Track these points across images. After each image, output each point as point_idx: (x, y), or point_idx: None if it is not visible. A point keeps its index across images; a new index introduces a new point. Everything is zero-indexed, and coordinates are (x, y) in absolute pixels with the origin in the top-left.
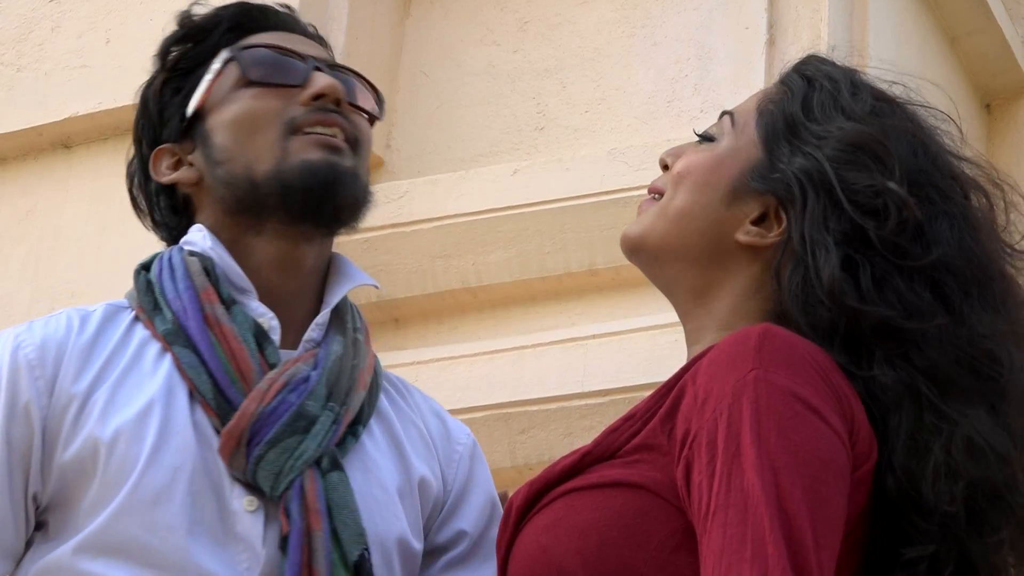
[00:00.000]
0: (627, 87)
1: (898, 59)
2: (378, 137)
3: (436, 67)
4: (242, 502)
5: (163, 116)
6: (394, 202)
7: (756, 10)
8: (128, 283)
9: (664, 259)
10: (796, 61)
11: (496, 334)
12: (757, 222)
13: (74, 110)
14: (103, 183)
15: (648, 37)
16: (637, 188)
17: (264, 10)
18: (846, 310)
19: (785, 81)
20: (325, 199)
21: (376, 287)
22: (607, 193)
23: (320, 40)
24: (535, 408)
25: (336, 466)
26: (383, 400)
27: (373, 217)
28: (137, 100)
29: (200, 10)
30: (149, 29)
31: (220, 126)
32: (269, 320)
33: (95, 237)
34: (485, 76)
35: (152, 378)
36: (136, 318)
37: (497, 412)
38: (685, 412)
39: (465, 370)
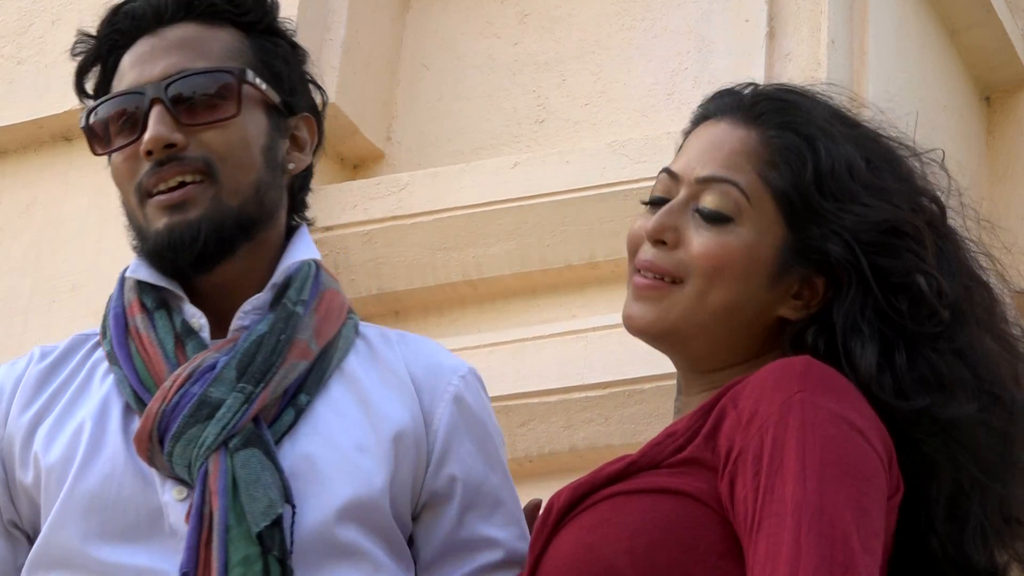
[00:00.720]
0: (627, 80)
1: (898, 52)
2: (379, 130)
3: (436, 60)
4: (172, 493)
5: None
6: (394, 195)
7: (756, 3)
8: None
9: (696, 344)
10: (767, 95)
11: (496, 326)
12: (796, 295)
13: (74, 103)
14: (104, 176)
15: (648, 30)
16: (637, 181)
17: (127, 15)
18: (880, 404)
19: (779, 139)
20: (186, 258)
21: (316, 260)
22: (607, 186)
23: (191, 6)
24: (535, 401)
25: (252, 443)
26: (351, 359)
27: (374, 210)
28: None
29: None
30: None
31: (112, 172)
32: (198, 319)
33: (96, 229)
34: (485, 69)
35: (94, 398)
36: (98, 343)
37: (497, 404)
38: (728, 432)
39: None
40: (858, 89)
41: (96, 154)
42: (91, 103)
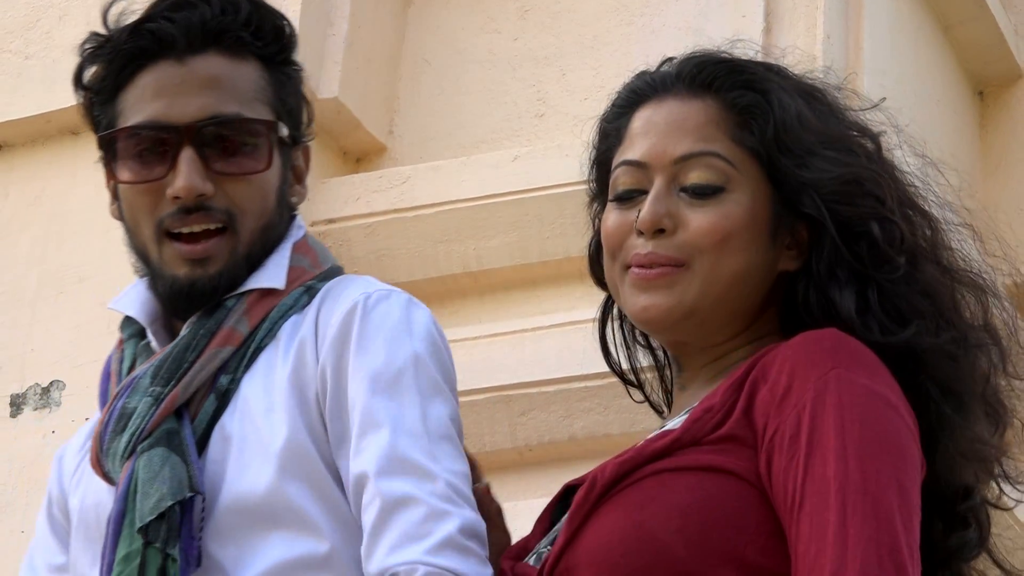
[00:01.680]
0: (626, 75)
1: (892, 47)
2: (381, 124)
3: (438, 55)
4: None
5: (96, 131)
6: (396, 188)
7: None
8: (131, 267)
9: (713, 319)
10: (710, 61)
11: (497, 318)
12: (789, 246)
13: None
14: None
15: (647, 25)
16: None
17: (155, 28)
18: (872, 344)
19: (741, 99)
20: (189, 308)
21: (279, 288)
22: None
23: (219, 37)
24: (535, 390)
25: (161, 442)
26: (284, 329)
27: (376, 203)
28: None
29: (112, 18)
30: None
31: (121, 196)
32: (157, 346)
33: (102, 222)
34: (486, 64)
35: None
36: None
37: (498, 394)
38: (762, 408)
39: (466, 353)
40: (853, 83)
41: (119, 182)
42: (88, 97)
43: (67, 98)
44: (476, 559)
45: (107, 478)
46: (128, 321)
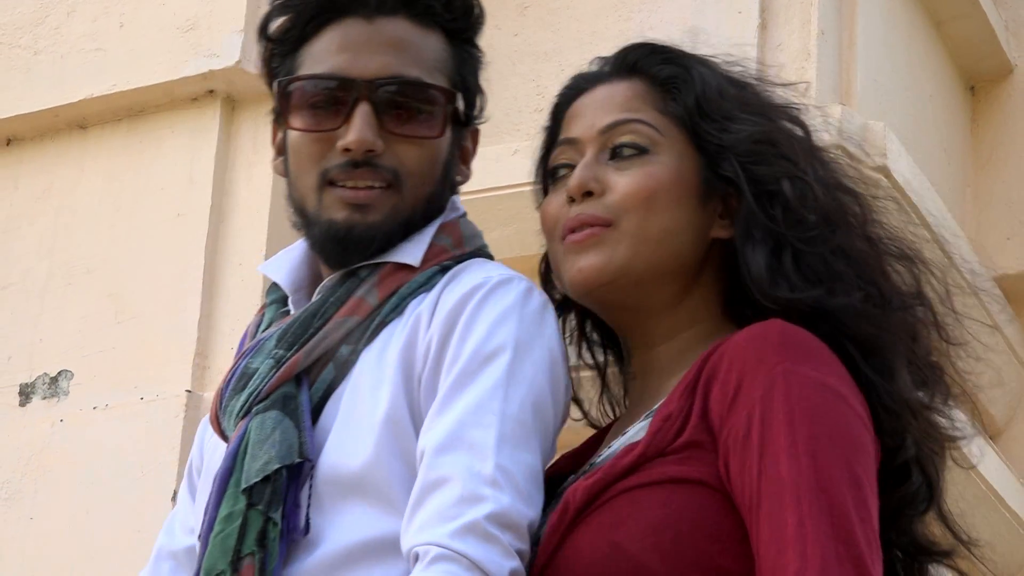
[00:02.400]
0: None
1: (885, 43)
2: None
3: None
4: None
5: (271, 86)
6: None
7: None
8: (141, 259)
9: (647, 280)
10: (633, 47)
11: None
12: (722, 215)
13: (89, 92)
14: (117, 162)
15: (644, 21)
16: None
17: None
18: (780, 302)
19: (663, 72)
20: (342, 256)
21: (413, 265)
22: None
23: (411, 2)
24: None
25: (277, 405)
26: (411, 306)
27: None
28: (151, 83)
29: None
30: (162, 13)
31: (288, 147)
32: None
33: (109, 215)
34: (486, 59)
35: None
36: None
37: None
38: (716, 409)
39: None
40: (847, 78)
41: (291, 128)
42: (269, 48)
43: (76, 93)
44: (499, 549)
45: (223, 435)
46: (275, 287)
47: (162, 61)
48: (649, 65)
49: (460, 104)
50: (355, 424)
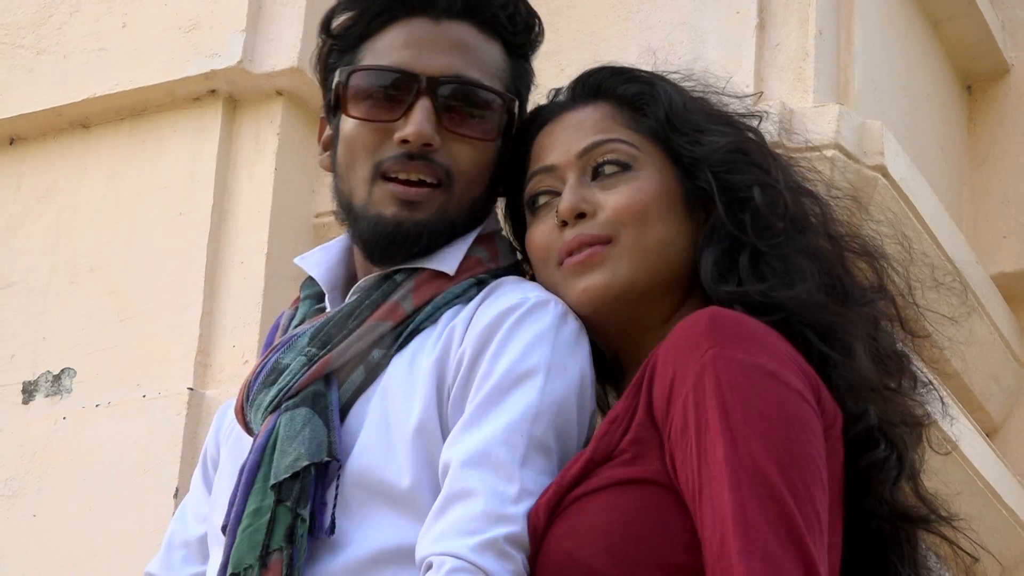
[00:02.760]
0: None
1: (883, 42)
2: None
3: None
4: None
5: (325, 83)
6: None
7: None
8: (143, 258)
9: (648, 293)
10: (592, 72)
11: None
12: (704, 223)
13: (92, 91)
14: (119, 161)
15: (643, 21)
16: None
17: None
18: (727, 295)
19: (628, 90)
20: (387, 252)
21: (448, 273)
22: None
23: (478, 10)
24: None
25: (306, 402)
26: (445, 316)
27: None
28: (153, 82)
29: None
30: (164, 13)
31: (341, 138)
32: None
33: (111, 213)
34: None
35: None
36: None
37: None
38: (658, 403)
39: None
40: (844, 78)
41: (347, 114)
42: (328, 44)
43: (78, 92)
44: (514, 569)
45: (247, 428)
46: (310, 282)
47: (164, 61)
48: (613, 86)
49: (516, 110)
50: (388, 431)
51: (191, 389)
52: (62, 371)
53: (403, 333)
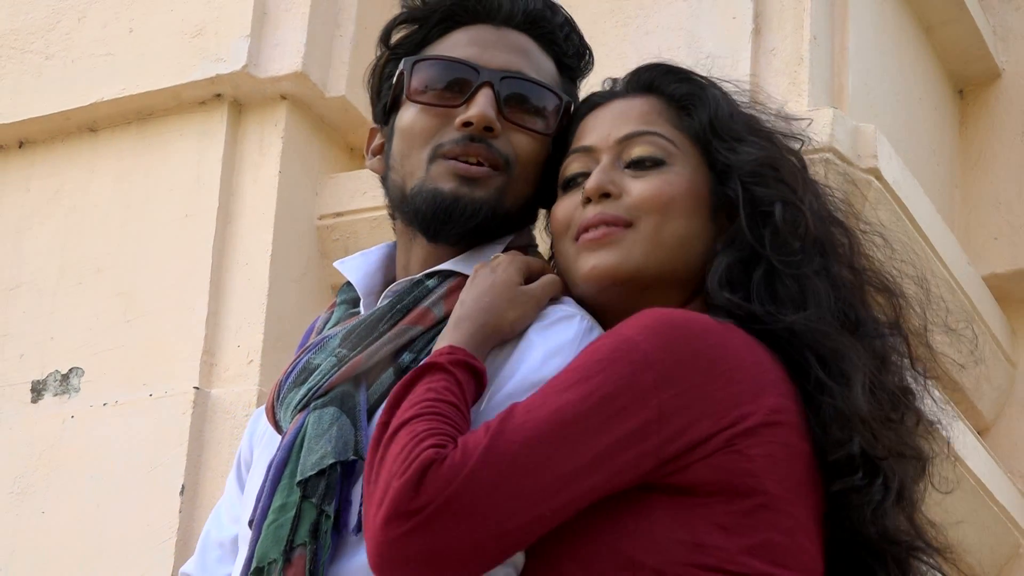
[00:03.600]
0: (621, 73)
1: (876, 47)
2: None
3: None
4: None
5: (378, 95)
6: None
7: (743, 1)
8: (150, 259)
9: (655, 286)
10: (647, 67)
11: None
12: (724, 230)
13: (99, 96)
14: (126, 164)
15: (641, 27)
16: None
17: (480, 2)
18: (721, 301)
19: (679, 90)
20: (441, 227)
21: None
22: None
23: (529, 21)
24: None
25: (335, 402)
26: None
27: (381, 197)
28: (159, 87)
29: None
30: (170, 19)
31: (397, 131)
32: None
33: (119, 215)
34: None
35: None
36: None
37: None
38: None
39: None
40: (839, 82)
41: (411, 99)
42: (386, 55)
43: (86, 96)
44: None
45: (277, 426)
46: (347, 287)
47: (170, 66)
48: (664, 84)
49: (569, 109)
50: None
51: (197, 388)
52: (70, 370)
53: (434, 338)
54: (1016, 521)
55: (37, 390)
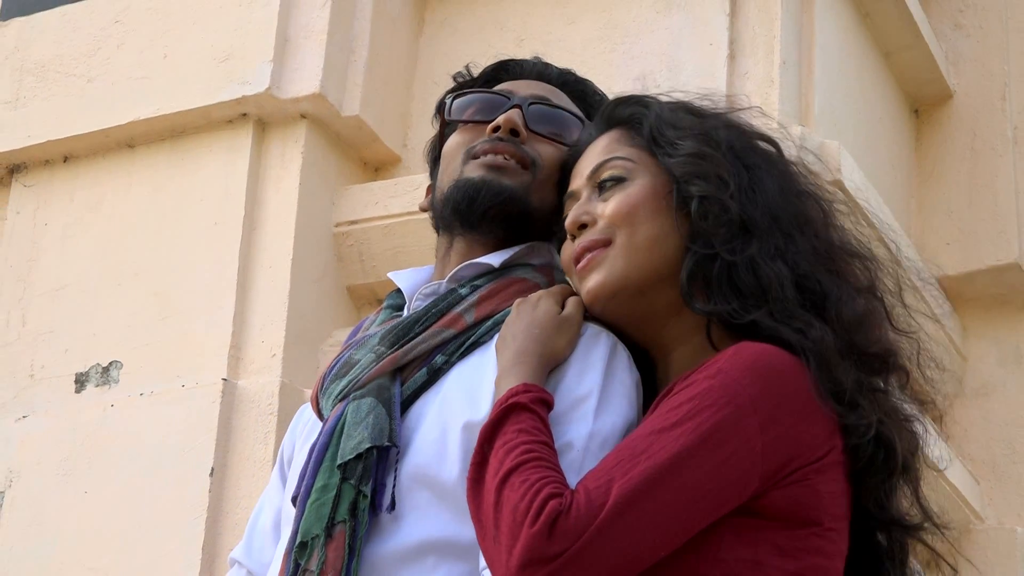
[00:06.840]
0: (609, 95)
1: (840, 71)
2: (396, 138)
3: (445, 78)
4: None
5: (435, 162)
6: (410, 193)
7: (719, 29)
8: (182, 263)
9: (646, 287)
10: (611, 103)
11: None
12: None
13: (136, 115)
14: (161, 177)
15: (627, 52)
16: None
17: (518, 64)
18: (700, 312)
19: (627, 111)
20: (469, 211)
21: (493, 265)
22: None
23: (562, 81)
24: None
25: (372, 393)
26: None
27: (392, 206)
28: (191, 107)
29: (472, 69)
30: (201, 46)
31: (441, 159)
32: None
33: (154, 223)
34: None
35: None
36: None
37: None
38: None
39: None
40: (806, 102)
41: (452, 119)
42: (443, 123)
43: (124, 115)
44: None
45: (319, 414)
46: (395, 293)
47: (201, 88)
48: (618, 114)
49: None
50: (444, 432)
51: (225, 379)
52: (110, 363)
53: (465, 343)
54: (967, 500)
55: (80, 381)
